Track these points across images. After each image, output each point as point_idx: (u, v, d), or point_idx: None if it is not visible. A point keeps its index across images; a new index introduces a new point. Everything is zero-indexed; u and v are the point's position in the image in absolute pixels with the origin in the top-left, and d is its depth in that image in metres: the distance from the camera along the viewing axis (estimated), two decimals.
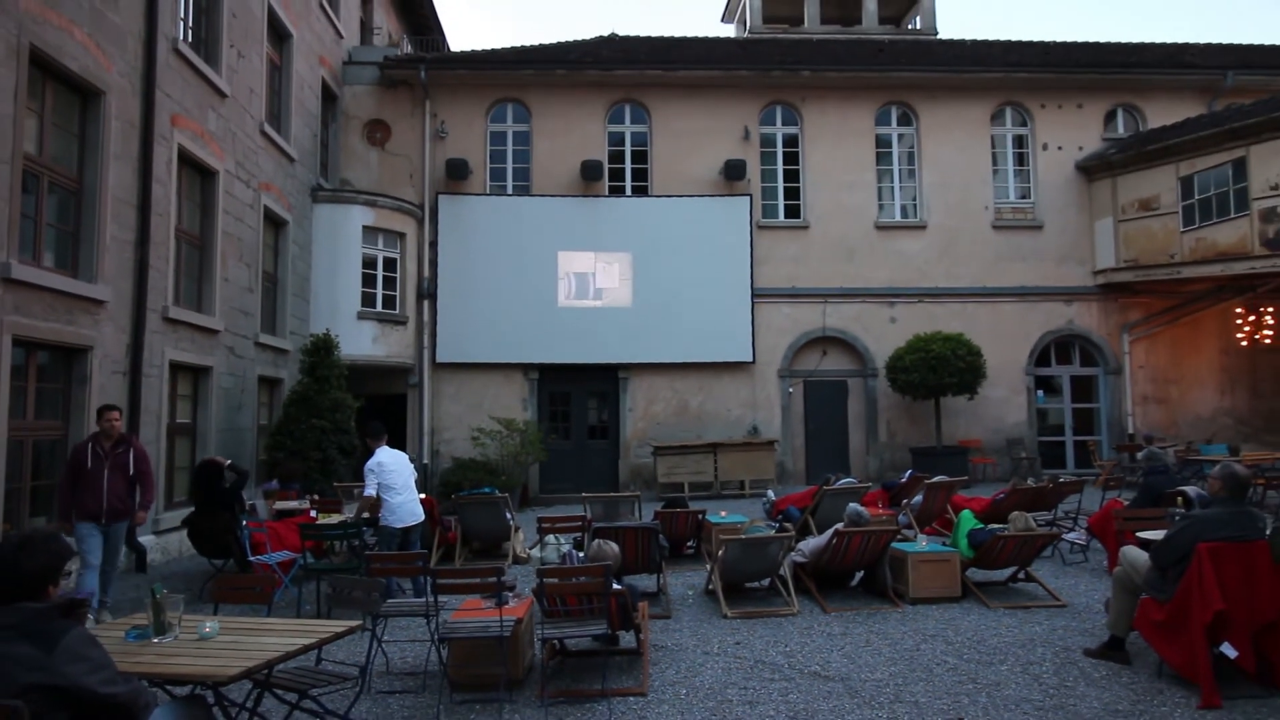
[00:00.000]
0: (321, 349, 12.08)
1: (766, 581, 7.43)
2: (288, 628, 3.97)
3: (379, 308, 14.63)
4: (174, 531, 9.36)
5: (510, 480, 13.58)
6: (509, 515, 9.52)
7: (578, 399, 16.09)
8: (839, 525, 7.11)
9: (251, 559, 7.56)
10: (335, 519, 8.50)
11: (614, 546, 5.65)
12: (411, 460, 8.08)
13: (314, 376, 11.86)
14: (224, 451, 10.77)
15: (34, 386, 7.61)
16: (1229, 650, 4.31)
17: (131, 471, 6.69)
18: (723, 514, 9.59)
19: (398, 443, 15.02)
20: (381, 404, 14.89)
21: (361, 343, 14.15)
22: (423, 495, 8.71)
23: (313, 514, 9.00)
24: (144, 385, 8.97)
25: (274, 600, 5.08)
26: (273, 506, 9.34)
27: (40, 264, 7.61)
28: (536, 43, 17.71)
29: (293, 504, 9.44)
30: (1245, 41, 19.41)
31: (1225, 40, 20.78)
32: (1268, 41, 19.90)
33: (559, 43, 17.53)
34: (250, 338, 11.82)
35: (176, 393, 10.09)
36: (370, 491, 7.25)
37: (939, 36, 20.43)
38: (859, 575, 7.60)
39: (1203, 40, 19.56)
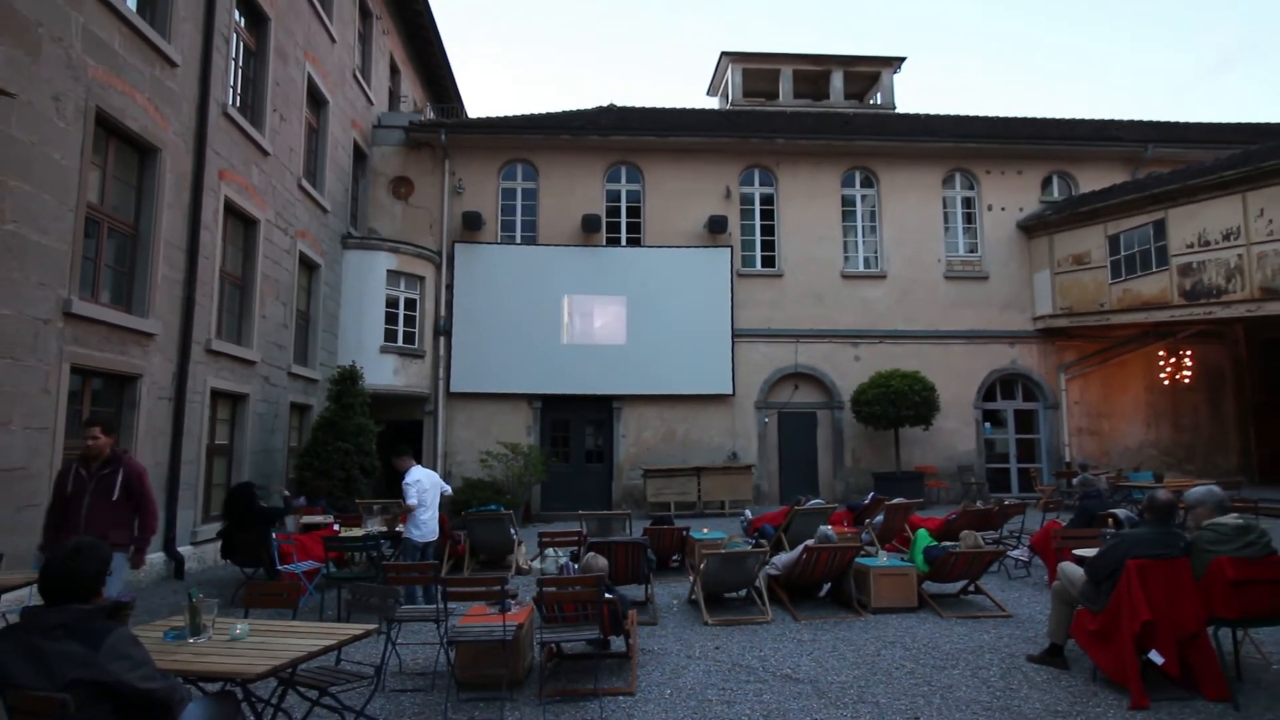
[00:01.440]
0: (347, 379, 12.06)
1: (744, 592, 7.37)
2: (311, 630, 3.91)
3: (400, 343, 14.62)
4: (210, 543, 9.25)
5: (514, 499, 13.49)
6: (513, 531, 9.45)
7: (576, 426, 16.04)
8: (809, 542, 7.08)
9: (279, 568, 7.47)
10: (357, 532, 8.42)
11: (603, 560, 5.63)
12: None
13: (340, 404, 11.81)
14: (256, 471, 10.70)
15: (88, 410, 7.55)
16: (1156, 657, 4.30)
17: (116, 496, 5.21)
18: (705, 531, 9.54)
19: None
20: (400, 429, 14.81)
21: (383, 374, 14.11)
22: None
23: (336, 527, 8.93)
24: (187, 410, 8.93)
25: (299, 606, 5.02)
26: (300, 521, 9.25)
27: (98, 300, 7.60)
28: (543, 109, 17.92)
29: (318, 518, 9.35)
30: (1163, 119, 19.79)
31: (1145, 118, 21.18)
32: (1182, 119, 20.29)
33: (564, 111, 17.74)
34: (284, 368, 11.78)
35: (216, 417, 10.02)
36: (412, 501, 7.24)
37: (897, 111, 20.77)
38: (827, 587, 7.55)
39: (1126, 117, 19.90)
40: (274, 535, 7.71)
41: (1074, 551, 5.80)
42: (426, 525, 7.42)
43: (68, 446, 7.04)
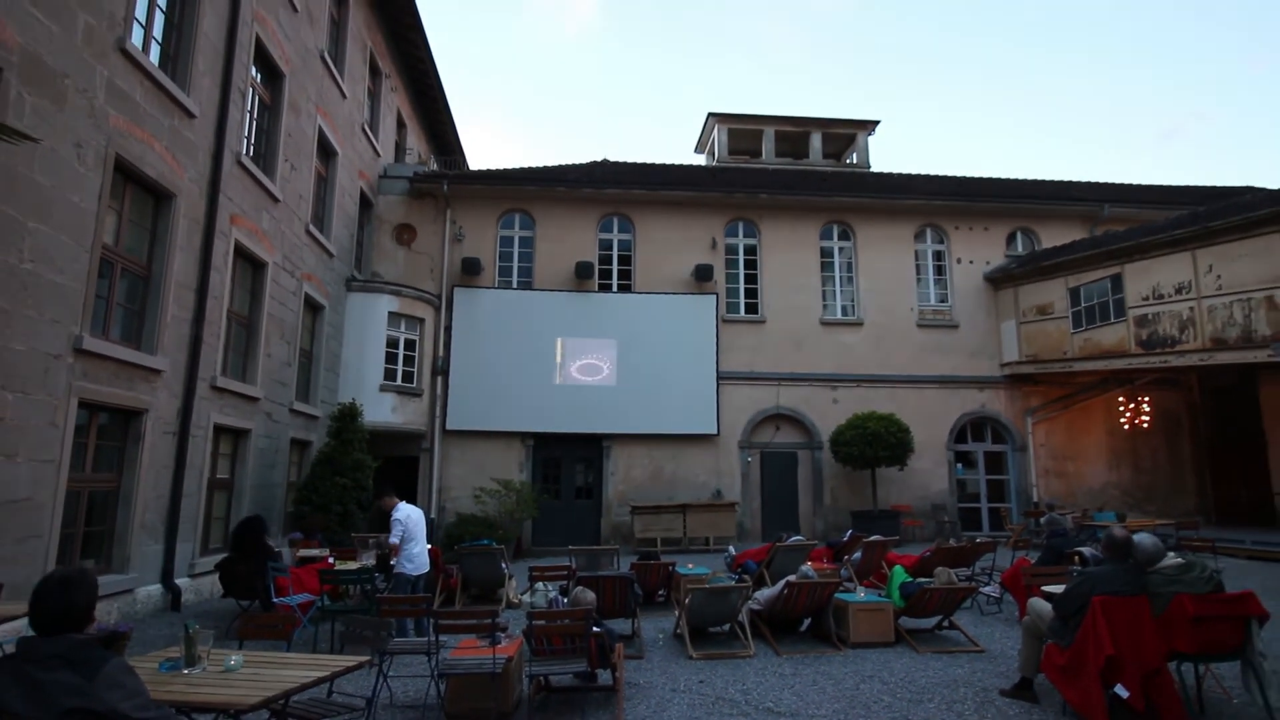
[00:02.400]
0: (347, 415, 11.96)
1: (727, 626, 7.25)
2: (304, 662, 3.81)
3: (399, 381, 14.54)
4: (207, 575, 9.04)
5: (506, 534, 13.31)
6: (504, 565, 9.30)
7: (567, 464, 15.91)
8: (790, 577, 7.01)
9: (275, 601, 7.31)
10: (351, 565, 8.27)
11: (591, 594, 5.54)
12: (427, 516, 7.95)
13: (339, 439, 11.69)
14: (256, 505, 10.50)
15: (94, 443, 7.44)
16: (1122, 691, 4.24)
17: None
18: (690, 566, 9.41)
19: (407, 499, 14.84)
20: (397, 465, 14.66)
21: (382, 411, 14.00)
22: (430, 546, 8.51)
23: (331, 560, 8.77)
24: (190, 445, 8.80)
25: (293, 638, 4.89)
26: (296, 554, 9.07)
27: (109, 337, 7.54)
28: (540, 162, 18.16)
29: (314, 552, 9.18)
30: (1118, 181, 20.27)
31: (1102, 179, 21.70)
32: (1136, 181, 20.79)
33: (559, 165, 17.98)
34: (286, 405, 11.67)
35: (218, 451, 9.88)
36: (395, 539, 7.11)
37: (872, 170, 21.19)
38: (807, 622, 7.45)
39: (1084, 179, 20.38)
40: (271, 569, 7.56)
41: (1042, 588, 5.76)
42: (418, 558, 7.30)
43: (72, 479, 6.93)
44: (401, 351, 14.70)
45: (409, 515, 7.26)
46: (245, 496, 10.32)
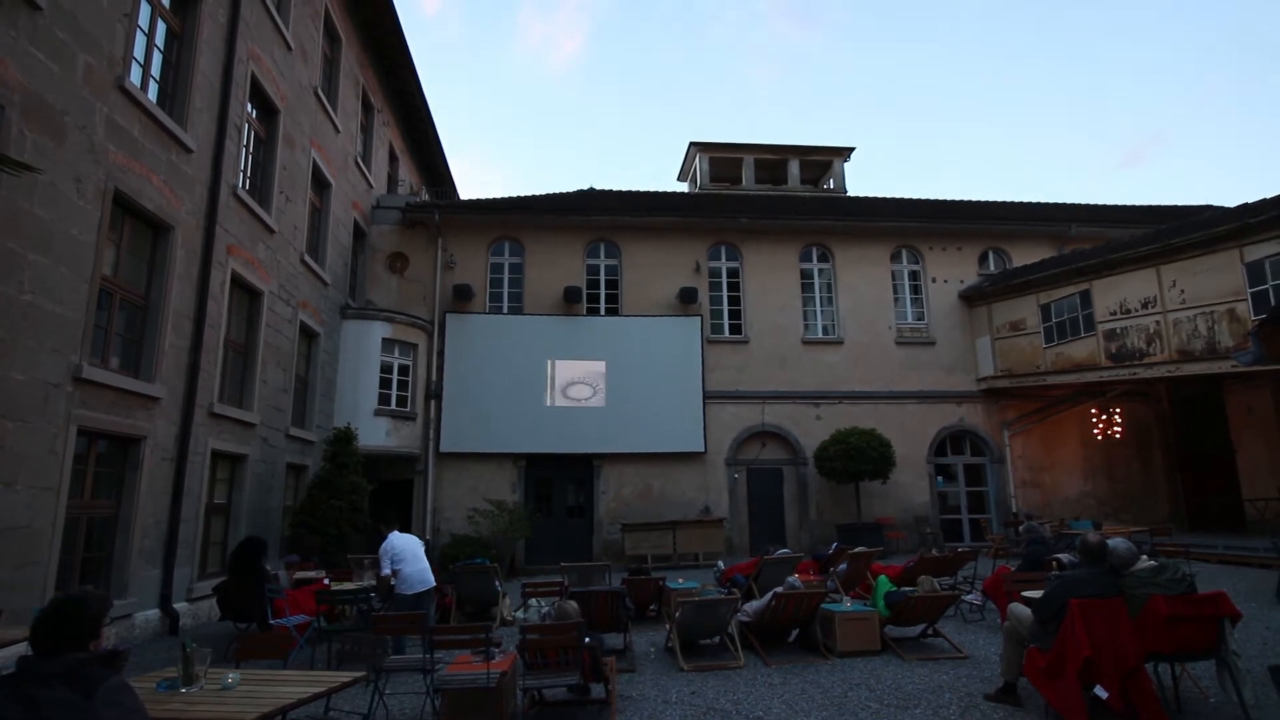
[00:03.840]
0: (342, 440, 11.89)
1: (717, 639, 7.21)
2: (300, 679, 3.77)
3: (393, 406, 14.48)
4: (205, 599, 8.91)
5: (500, 553, 13.19)
6: (498, 583, 9.22)
7: (559, 484, 15.84)
8: (778, 589, 7.00)
9: (272, 622, 7.21)
10: (348, 586, 8.18)
11: (574, 604, 5.50)
12: (423, 540, 7.82)
13: (335, 463, 11.61)
14: (253, 529, 10.36)
15: (93, 470, 7.36)
16: (1101, 692, 4.25)
17: None
18: (680, 581, 9.36)
19: (402, 521, 14.71)
20: (392, 488, 14.55)
21: (377, 435, 13.93)
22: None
23: (326, 582, 8.67)
24: (188, 470, 8.72)
25: (290, 658, 4.83)
26: (293, 576, 8.96)
27: (107, 365, 7.50)
28: (528, 191, 18.30)
29: (311, 574, 9.08)
30: (1084, 202, 20.62)
31: (1068, 200, 22.09)
32: (1101, 202, 21.17)
33: (548, 194, 18.10)
34: (282, 430, 11.59)
35: (215, 477, 9.78)
36: (385, 571, 7.00)
37: (848, 194, 21.46)
38: (795, 633, 7.42)
39: (1052, 200, 20.73)
40: (268, 591, 7.46)
41: (1022, 594, 5.77)
42: (413, 577, 7.17)
43: (70, 506, 6.84)
44: (395, 376, 14.66)
45: (390, 543, 7.14)
46: (242, 521, 10.20)
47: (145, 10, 8.11)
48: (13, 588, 5.97)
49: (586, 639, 4.90)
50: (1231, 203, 16.38)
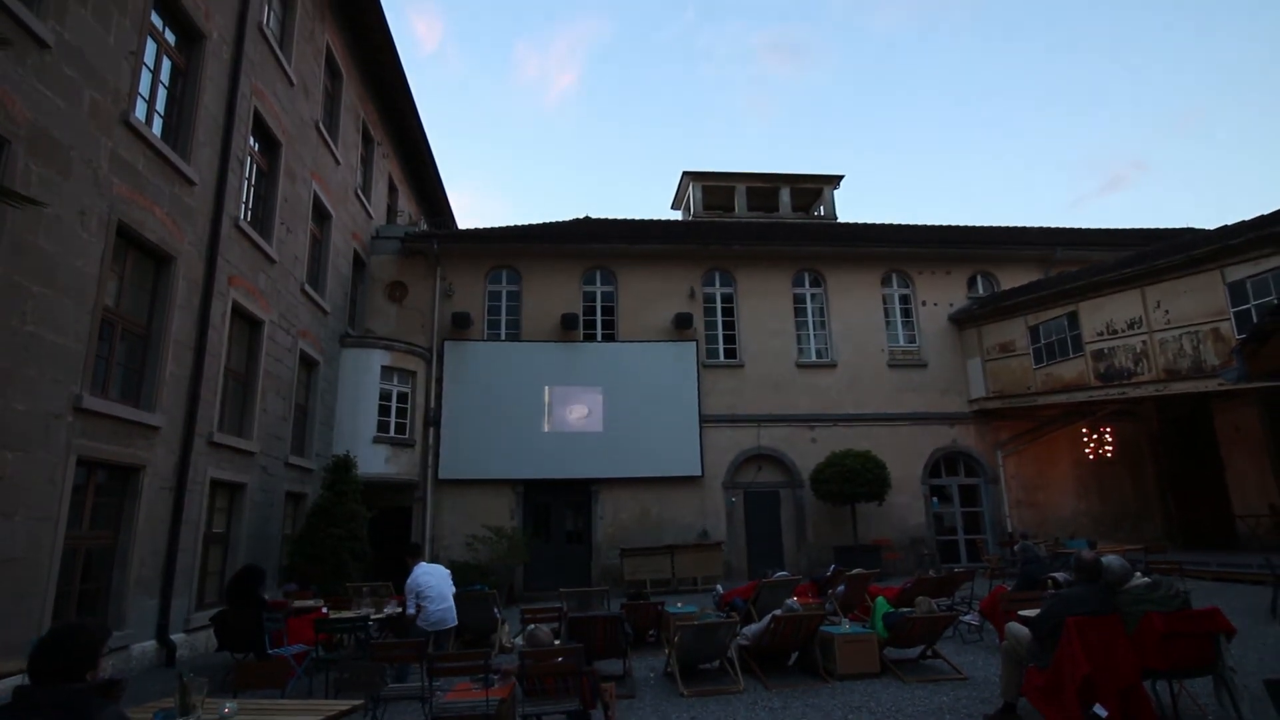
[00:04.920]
0: (341, 467, 11.79)
1: (716, 663, 7.12)
2: (297, 708, 3.71)
3: (392, 433, 14.41)
4: (203, 630, 8.77)
5: (499, 580, 13.05)
6: (496, 610, 9.11)
7: (557, 509, 15.72)
8: (776, 611, 6.93)
9: (270, 651, 7.09)
10: (347, 614, 8.06)
11: (545, 629, 5.43)
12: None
13: (334, 491, 11.50)
14: (251, 558, 10.23)
15: (92, 500, 7.28)
16: (1100, 710, 4.20)
17: None
18: (679, 605, 9.26)
19: (400, 548, 14.55)
20: (392, 515, 14.42)
21: (376, 462, 13.84)
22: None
23: (325, 610, 8.55)
24: (187, 499, 8.63)
25: (288, 687, 4.75)
26: (291, 605, 8.83)
27: (108, 395, 7.46)
28: (525, 219, 18.44)
29: (309, 602, 8.96)
30: (1068, 226, 20.80)
31: (1052, 225, 22.29)
32: (1084, 226, 21.35)
33: (544, 223, 18.22)
34: (281, 459, 11.50)
35: (214, 506, 9.68)
36: (410, 610, 6.93)
37: (839, 220, 21.64)
38: (794, 656, 7.33)
39: (1037, 224, 20.92)
40: (267, 619, 7.35)
41: (1019, 613, 5.73)
42: (433, 615, 7.08)
43: (69, 537, 6.76)
44: (394, 404, 14.61)
45: (416, 579, 7.09)
46: (240, 550, 10.08)
47: (151, 48, 8.21)
48: (10, 619, 5.87)
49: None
50: (1209, 226, 16.57)
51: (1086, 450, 16.57)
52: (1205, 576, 12.03)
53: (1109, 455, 16.48)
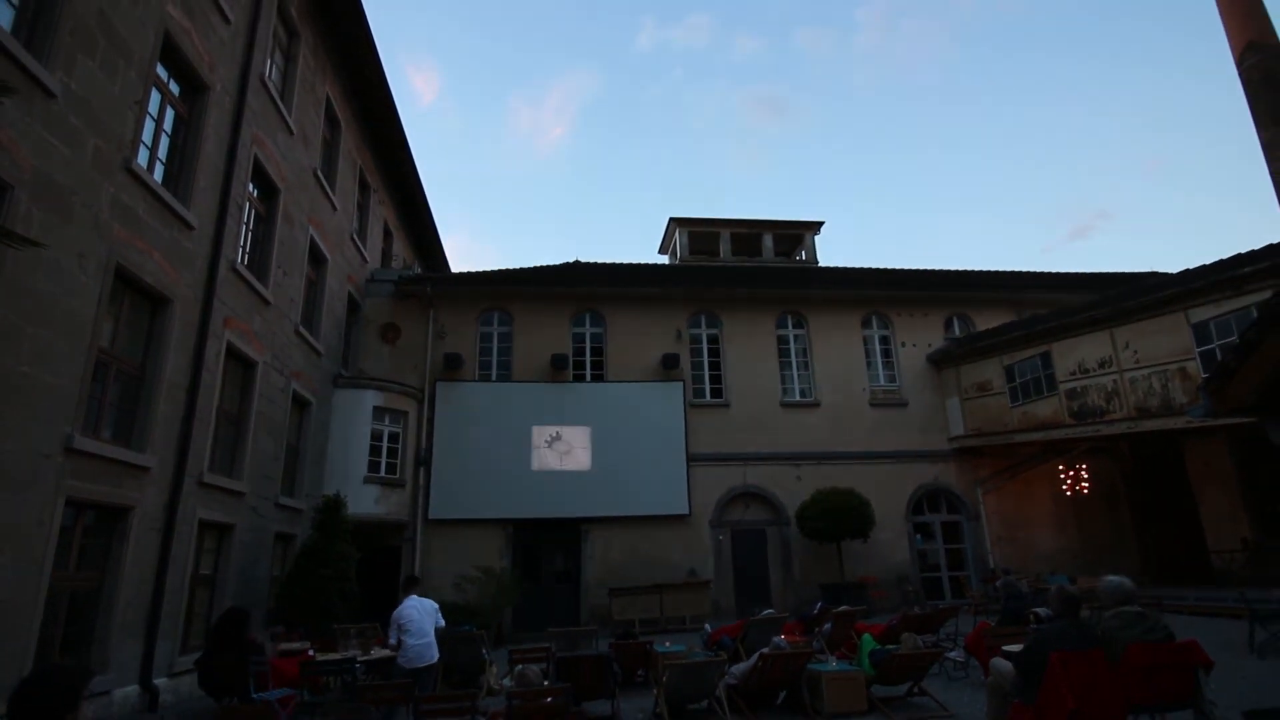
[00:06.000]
0: (331, 508, 11.58)
1: (705, 703, 6.96)
2: None
3: (382, 473, 14.22)
4: (187, 674, 8.47)
5: (487, 620, 12.77)
6: (485, 651, 8.91)
7: (546, 549, 15.48)
8: (764, 650, 6.82)
9: (254, 696, 6.85)
10: (334, 656, 7.85)
11: (535, 670, 5.33)
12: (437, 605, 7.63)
13: (323, 532, 11.27)
14: (238, 600, 9.96)
15: (79, 542, 7.09)
16: None
17: None
18: (667, 644, 9.09)
19: (389, 590, 14.23)
20: (382, 555, 14.14)
21: (366, 502, 13.62)
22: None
23: (311, 653, 8.33)
24: (175, 540, 8.40)
25: None
26: (278, 648, 8.60)
27: (99, 436, 7.33)
28: (516, 263, 18.58)
29: (295, 645, 8.72)
30: (1039, 270, 21.22)
31: (1024, 269, 22.74)
32: (1054, 270, 21.78)
33: (535, 267, 18.34)
34: (271, 499, 11.30)
35: (202, 547, 9.44)
36: (391, 640, 6.79)
37: (819, 264, 21.96)
38: (783, 695, 7.19)
39: (1008, 269, 21.32)
40: (252, 663, 7.12)
41: (1004, 648, 5.67)
42: (412, 650, 6.92)
43: (54, 579, 6.57)
44: (385, 444, 14.46)
45: (401, 612, 6.97)
46: (228, 592, 9.81)
47: (155, 97, 8.31)
48: None
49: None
50: (1172, 270, 16.99)
51: (1064, 487, 16.61)
52: (1184, 611, 11.98)
53: (1085, 492, 16.52)
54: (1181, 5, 70.96)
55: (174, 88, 8.81)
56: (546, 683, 5.48)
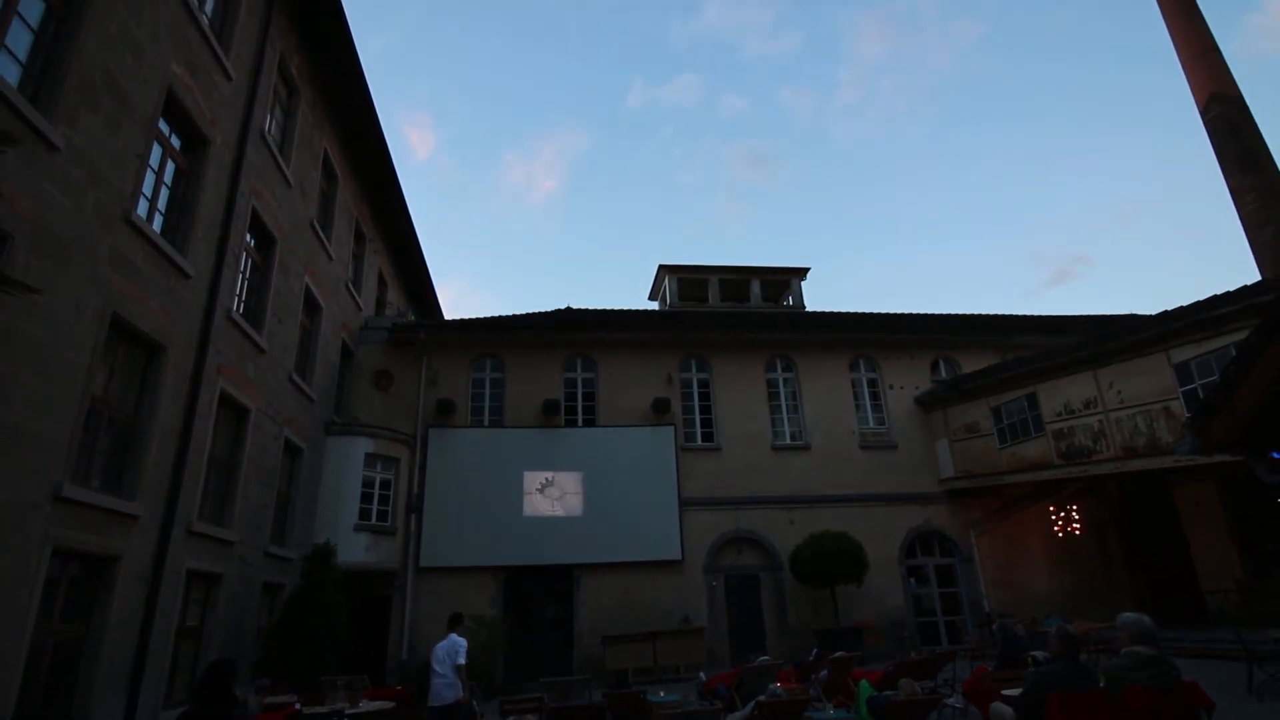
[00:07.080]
0: (320, 556, 11.35)
1: None
2: None
3: (373, 520, 13.98)
4: None
5: (478, 670, 12.39)
6: (475, 704, 8.64)
7: (538, 597, 15.15)
8: (760, 698, 6.64)
9: None
10: (320, 710, 7.59)
11: None
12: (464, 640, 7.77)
13: (311, 580, 11.02)
14: (225, 651, 9.65)
15: (64, 593, 6.89)
16: None
17: None
18: (661, 694, 8.85)
19: (379, 639, 13.85)
20: (370, 605, 13.80)
21: (356, 551, 13.35)
22: (399, 686, 7.80)
23: (297, 706, 8.05)
24: (162, 591, 8.18)
25: None
26: (263, 701, 8.30)
27: (89, 485, 7.19)
28: (508, 309, 18.66)
29: (281, 698, 8.42)
30: (1022, 313, 21.49)
31: (1009, 312, 23.02)
32: (1038, 313, 22.06)
33: (527, 313, 18.42)
34: (260, 548, 11.05)
35: (189, 597, 9.18)
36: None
37: (807, 310, 22.17)
38: None
39: (993, 312, 21.60)
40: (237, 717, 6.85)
41: (1003, 692, 5.55)
42: (433, 689, 7.11)
43: (37, 631, 6.35)
44: (377, 491, 14.26)
45: (433, 650, 7.55)
46: (214, 644, 9.51)
47: (156, 151, 8.42)
48: None
49: None
50: (1151, 311, 17.23)
51: (1055, 528, 16.50)
52: (1183, 653, 11.78)
53: (1077, 532, 16.41)
54: (1149, 63, 73.85)
55: (175, 141, 8.94)
56: None
